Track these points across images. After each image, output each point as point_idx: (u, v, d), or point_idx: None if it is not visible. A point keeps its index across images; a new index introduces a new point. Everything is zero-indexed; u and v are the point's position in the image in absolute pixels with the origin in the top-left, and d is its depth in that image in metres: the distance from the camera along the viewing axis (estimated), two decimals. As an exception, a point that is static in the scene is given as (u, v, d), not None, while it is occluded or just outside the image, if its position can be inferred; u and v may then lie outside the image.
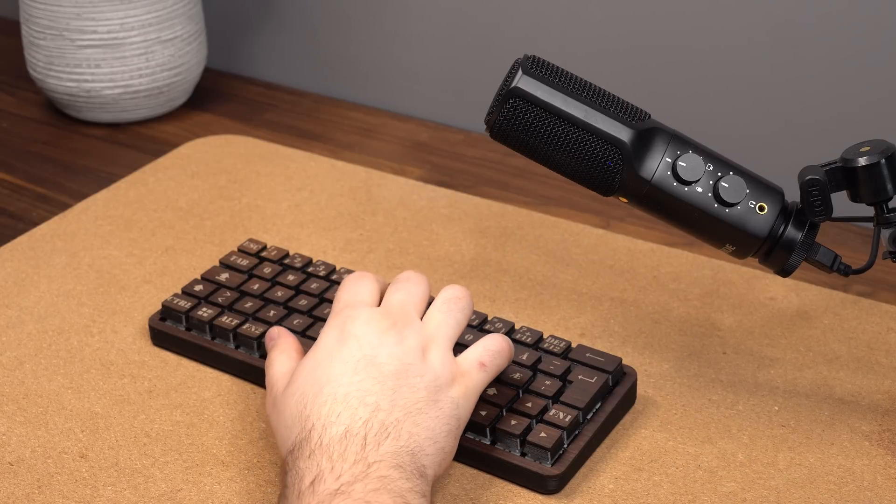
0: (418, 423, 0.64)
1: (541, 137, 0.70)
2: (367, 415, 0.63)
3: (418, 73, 1.19)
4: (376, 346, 0.66)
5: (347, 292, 0.72)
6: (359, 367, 0.65)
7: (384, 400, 0.64)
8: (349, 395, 0.64)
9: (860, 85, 0.98)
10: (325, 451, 0.61)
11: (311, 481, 0.60)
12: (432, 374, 0.66)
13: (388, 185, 1.03)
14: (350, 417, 0.63)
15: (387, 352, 0.66)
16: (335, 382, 0.65)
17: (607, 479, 0.70)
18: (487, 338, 0.71)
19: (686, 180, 0.69)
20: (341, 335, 0.67)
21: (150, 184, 1.03)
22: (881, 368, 0.79)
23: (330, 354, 0.66)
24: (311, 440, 0.62)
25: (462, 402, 0.67)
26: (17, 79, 1.27)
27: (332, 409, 0.63)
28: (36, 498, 0.69)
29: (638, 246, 0.93)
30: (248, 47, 1.29)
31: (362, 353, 0.66)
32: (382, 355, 0.66)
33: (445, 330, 0.69)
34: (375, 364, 0.65)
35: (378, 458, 0.61)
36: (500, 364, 0.70)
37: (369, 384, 0.64)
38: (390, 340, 0.67)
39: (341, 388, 0.64)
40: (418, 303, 0.71)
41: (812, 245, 0.70)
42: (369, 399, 0.64)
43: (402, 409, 0.64)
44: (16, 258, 0.93)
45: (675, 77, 1.06)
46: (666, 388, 0.77)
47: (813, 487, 0.69)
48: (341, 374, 0.65)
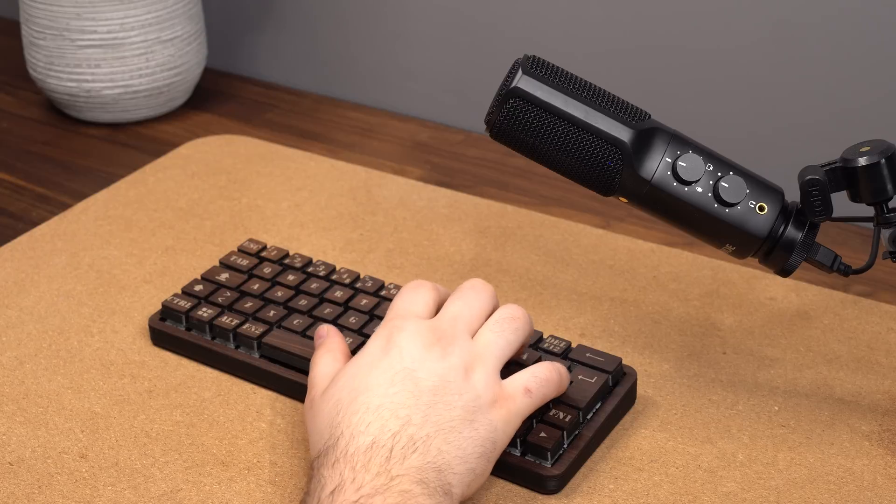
0: (450, 440, 0.63)
1: (541, 137, 0.70)
2: (398, 427, 0.62)
3: (418, 73, 1.19)
4: (418, 360, 0.65)
5: (403, 300, 0.70)
6: (396, 379, 0.64)
7: (417, 414, 0.63)
8: (382, 407, 0.63)
9: (860, 85, 0.98)
10: (349, 461, 0.60)
11: (332, 490, 0.59)
12: (473, 393, 0.65)
13: (388, 185, 1.03)
14: (379, 429, 0.62)
15: (428, 367, 0.65)
16: (371, 392, 0.64)
17: (607, 479, 0.70)
18: (539, 365, 0.69)
19: (686, 180, 0.69)
20: (386, 345, 0.66)
21: (150, 184, 1.03)
22: (881, 368, 0.79)
23: (371, 363, 0.66)
24: (336, 448, 0.62)
25: (500, 426, 0.65)
26: (17, 79, 1.27)
27: (363, 418, 0.62)
28: (36, 498, 0.69)
29: (638, 246, 0.93)
30: (248, 47, 1.29)
31: (402, 366, 0.65)
32: (423, 370, 0.65)
33: (494, 350, 0.68)
34: (414, 378, 0.64)
35: (402, 471, 0.60)
36: (547, 393, 0.69)
37: (404, 397, 0.63)
38: (434, 356, 0.65)
39: (375, 398, 0.63)
40: (474, 317, 0.69)
41: (812, 245, 0.70)
42: (402, 412, 0.63)
43: (435, 426, 0.63)
44: (16, 258, 0.93)
45: (675, 77, 1.06)
46: (666, 388, 0.77)
47: (813, 487, 0.69)
48: (378, 385, 0.64)
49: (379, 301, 0.81)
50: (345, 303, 0.81)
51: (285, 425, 0.75)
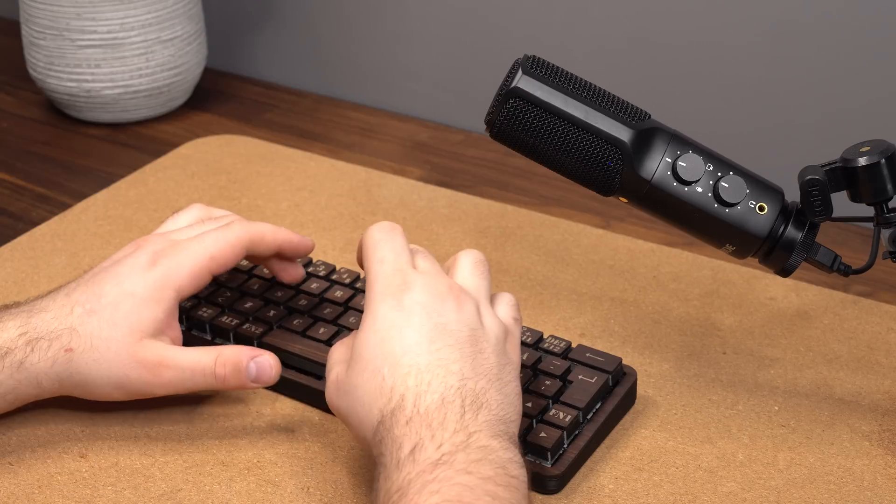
0: (499, 389, 0.64)
1: (541, 137, 0.70)
2: (457, 382, 0.62)
3: (418, 73, 1.19)
4: (443, 314, 0.65)
5: (390, 251, 0.69)
6: (433, 336, 0.64)
7: (467, 367, 0.63)
8: (432, 364, 0.63)
9: (860, 85, 0.98)
10: (423, 419, 0.60)
11: (412, 449, 0.59)
12: (493, 336, 0.66)
13: (388, 185, 1.03)
14: (441, 385, 0.62)
15: (454, 318, 0.65)
16: (413, 352, 0.63)
17: (607, 479, 0.70)
18: (503, 295, 0.71)
19: (686, 180, 0.69)
20: (401, 304, 0.65)
21: (150, 184, 1.03)
22: (881, 368, 0.79)
23: (395, 325, 0.65)
24: (405, 408, 0.61)
25: (515, 359, 0.67)
26: (17, 79, 1.27)
27: (421, 378, 0.62)
28: (36, 498, 0.69)
29: (638, 246, 0.93)
30: (248, 47, 1.29)
31: (433, 322, 0.65)
32: (452, 323, 0.65)
33: (484, 292, 0.69)
34: (448, 332, 0.64)
35: (477, 427, 0.60)
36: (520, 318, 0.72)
37: (448, 352, 0.63)
38: (451, 307, 0.66)
39: (422, 357, 0.63)
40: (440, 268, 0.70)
41: (812, 245, 0.70)
42: (453, 367, 0.63)
43: (485, 377, 0.63)
44: (16, 258, 0.93)
45: (675, 77, 1.06)
46: (666, 388, 0.78)
47: (813, 487, 0.69)
48: (418, 344, 0.64)
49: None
50: (345, 303, 0.81)
51: (285, 425, 0.75)
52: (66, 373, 0.71)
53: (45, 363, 0.70)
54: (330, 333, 0.78)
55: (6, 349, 0.70)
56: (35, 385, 0.71)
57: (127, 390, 0.72)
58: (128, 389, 0.72)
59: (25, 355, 0.70)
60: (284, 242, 0.78)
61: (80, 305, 0.72)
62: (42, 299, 0.73)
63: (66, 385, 0.72)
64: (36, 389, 0.71)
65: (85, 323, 0.71)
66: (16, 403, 0.72)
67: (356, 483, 0.70)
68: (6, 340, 0.70)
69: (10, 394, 0.71)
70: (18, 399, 0.72)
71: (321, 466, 0.71)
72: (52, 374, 0.71)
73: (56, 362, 0.70)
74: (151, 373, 0.71)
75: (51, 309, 0.72)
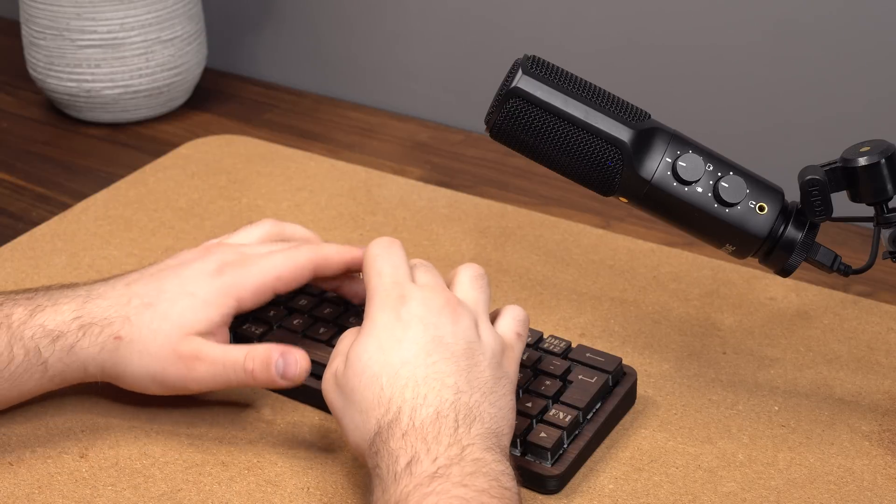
0: (493, 402, 0.64)
1: (541, 137, 0.70)
2: (452, 396, 0.63)
3: (418, 73, 1.19)
4: (440, 327, 0.66)
5: (388, 265, 0.70)
6: (430, 348, 0.65)
7: (462, 381, 0.64)
8: (429, 377, 0.64)
9: (860, 85, 0.98)
10: (419, 433, 0.61)
11: (408, 462, 0.60)
12: (489, 350, 0.67)
13: (388, 185, 1.03)
14: (437, 399, 0.63)
15: (451, 332, 0.66)
16: (411, 364, 0.64)
17: (607, 479, 0.70)
18: (511, 309, 0.71)
19: (686, 180, 0.69)
20: (399, 316, 0.66)
21: (150, 184, 1.03)
22: (881, 368, 0.79)
23: (393, 335, 0.66)
24: (401, 421, 0.62)
25: (512, 375, 0.68)
26: (17, 79, 1.27)
27: (417, 391, 0.63)
28: (36, 498, 0.69)
29: (638, 246, 0.93)
30: (248, 47, 1.29)
31: (430, 335, 0.65)
32: (448, 336, 0.66)
33: (483, 306, 0.70)
34: (445, 345, 0.65)
35: (470, 440, 0.61)
36: (527, 333, 0.72)
37: (444, 366, 0.64)
38: (448, 320, 0.66)
39: (419, 370, 0.64)
40: (441, 281, 0.71)
41: (812, 245, 0.70)
42: (448, 381, 0.64)
43: (479, 390, 0.64)
44: (16, 258, 0.93)
45: (675, 77, 1.06)
46: (666, 388, 0.77)
47: (813, 487, 0.69)
48: (415, 356, 0.65)
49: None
50: (345, 303, 0.81)
51: (285, 425, 0.75)
52: (111, 361, 0.72)
53: (94, 348, 0.71)
54: (330, 333, 0.78)
55: (59, 332, 0.71)
56: (81, 370, 0.72)
57: (163, 384, 0.72)
58: (163, 383, 0.72)
59: (77, 339, 0.71)
60: (352, 262, 0.77)
61: (138, 297, 0.72)
62: (101, 285, 0.74)
63: (108, 372, 0.72)
64: (81, 374, 0.72)
65: (140, 314, 0.72)
66: (62, 385, 0.73)
67: (356, 483, 0.70)
68: (60, 324, 0.71)
69: (58, 376, 0.72)
70: (65, 381, 0.73)
71: (321, 466, 0.71)
72: (98, 360, 0.72)
73: (104, 349, 0.71)
74: (187, 366, 0.71)
75: (109, 296, 0.72)
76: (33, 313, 0.71)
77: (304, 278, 0.76)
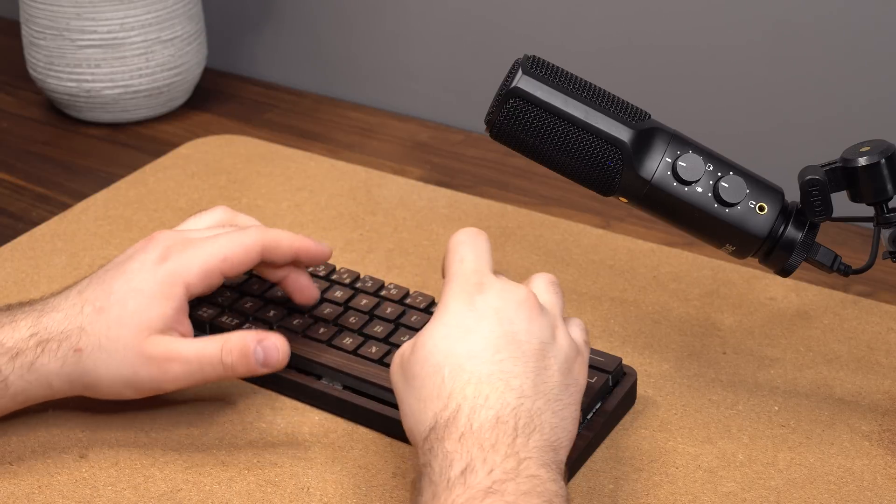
0: (556, 411, 0.62)
1: (541, 137, 0.70)
2: (514, 401, 0.61)
3: (418, 73, 1.19)
4: (515, 322, 0.64)
5: (472, 252, 0.68)
6: (500, 344, 0.63)
7: (527, 383, 0.62)
8: (493, 376, 0.62)
9: (860, 85, 0.98)
10: (476, 438, 0.59)
11: (462, 470, 0.58)
12: (562, 353, 0.65)
13: (388, 185, 1.03)
14: (498, 402, 0.61)
15: (526, 329, 0.64)
16: (477, 359, 0.62)
17: (607, 479, 0.70)
18: (576, 319, 0.70)
19: (686, 180, 0.69)
20: (474, 305, 0.64)
21: (150, 184, 1.03)
22: (881, 368, 0.79)
23: (463, 324, 0.63)
24: (458, 421, 0.60)
25: (581, 382, 0.66)
26: (17, 79, 1.27)
27: (480, 389, 0.61)
28: (36, 498, 0.69)
29: (638, 246, 0.93)
30: (248, 47, 1.29)
31: (503, 330, 0.63)
32: (522, 332, 0.63)
33: (559, 310, 0.68)
34: (517, 342, 0.63)
35: (528, 454, 0.59)
36: None
37: (511, 365, 0.62)
38: (524, 316, 0.64)
39: (484, 366, 0.62)
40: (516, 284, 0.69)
41: (812, 245, 0.70)
42: (514, 382, 0.62)
43: (544, 397, 0.62)
44: (16, 258, 0.93)
45: (675, 77, 1.06)
46: (666, 388, 0.77)
47: (813, 487, 0.69)
48: (483, 350, 0.62)
49: (379, 301, 0.81)
50: (345, 303, 0.81)
51: (285, 425, 0.75)
52: (77, 373, 0.70)
53: (55, 364, 0.70)
54: (330, 334, 0.78)
55: (17, 350, 0.70)
56: (46, 386, 0.71)
57: (137, 388, 0.71)
58: (138, 387, 0.71)
59: (36, 356, 0.70)
60: (301, 249, 0.76)
61: (89, 304, 0.71)
62: (55, 297, 0.73)
63: (76, 385, 0.71)
64: (47, 390, 0.71)
65: (94, 322, 0.70)
66: (27, 403, 0.72)
67: (356, 483, 0.70)
68: (17, 341, 0.70)
69: (21, 394, 0.71)
70: (29, 399, 0.72)
71: (321, 466, 0.71)
72: (62, 375, 0.70)
73: (66, 363, 0.70)
74: (160, 368, 0.70)
75: (62, 308, 0.71)
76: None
77: (252, 261, 0.74)
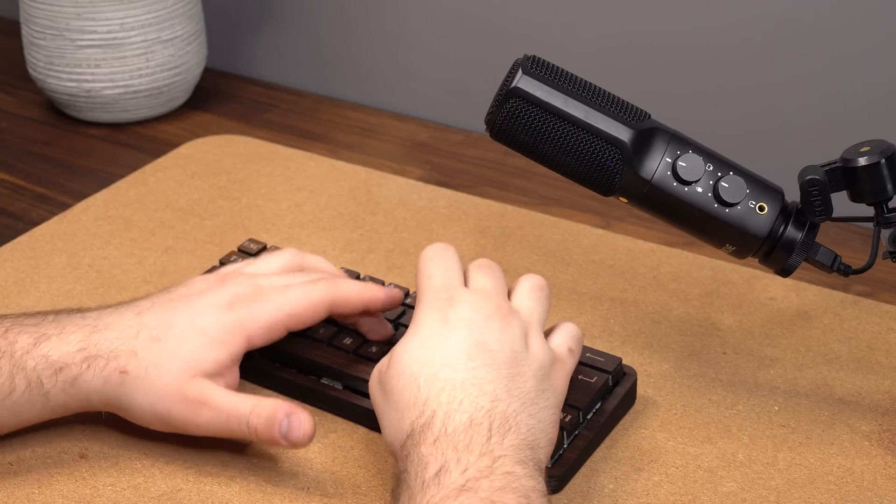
0: (532, 414, 0.63)
1: (541, 137, 0.70)
2: (488, 404, 0.62)
3: (418, 73, 1.19)
4: (486, 332, 0.65)
5: (439, 268, 0.69)
6: (472, 353, 0.64)
7: (501, 388, 0.63)
8: (467, 382, 0.63)
9: (860, 85, 0.98)
10: (450, 440, 0.60)
11: (437, 472, 0.59)
12: (537, 361, 0.66)
13: (388, 185, 1.03)
14: (472, 406, 0.62)
15: (496, 338, 0.65)
16: (451, 367, 0.63)
17: (607, 479, 0.70)
18: (566, 325, 0.71)
19: (686, 180, 0.69)
20: (445, 319, 0.66)
21: (150, 184, 1.03)
22: (881, 368, 0.79)
23: (436, 336, 0.65)
24: (433, 426, 0.61)
25: (560, 389, 0.67)
26: (17, 79, 1.27)
27: (454, 395, 0.62)
28: (36, 498, 0.69)
29: (638, 246, 0.93)
30: (248, 47, 1.29)
31: (474, 339, 0.65)
32: (493, 342, 0.65)
33: (537, 317, 0.69)
34: (488, 351, 0.64)
35: (503, 451, 0.60)
36: (580, 352, 0.71)
37: (485, 372, 0.63)
38: (496, 327, 0.66)
39: (458, 374, 0.63)
40: (503, 289, 0.70)
41: (812, 245, 0.70)
42: (487, 387, 0.63)
43: (518, 400, 0.63)
44: (16, 258, 0.93)
45: (675, 77, 1.06)
46: (666, 388, 0.77)
47: (813, 487, 0.69)
48: (456, 359, 0.64)
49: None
50: (345, 303, 0.81)
51: (285, 425, 0.75)
52: (115, 394, 0.70)
53: (97, 381, 0.69)
54: (330, 333, 0.78)
55: (62, 364, 0.69)
56: (84, 401, 0.70)
57: (167, 423, 0.70)
58: (168, 423, 0.70)
59: (80, 372, 0.69)
60: (370, 302, 0.75)
61: (147, 330, 0.70)
62: (110, 314, 0.71)
63: (112, 405, 0.70)
64: (84, 404, 0.70)
65: (147, 348, 0.69)
66: (64, 414, 0.71)
67: (356, 483, 0.70)
68: (64, 355, 0.69)
69: (61, 407, 0.70)
70: (68, 411, 0.71)
71: (321, 466, 0.71)
72: (102, 393, 0.70)
73: (108, 382, 0.69)
74: (192, 410, 0.69)
75: (117, 327, 0.70)
76: (38, 342, 0.69)
77: (320, 316, 0.74)
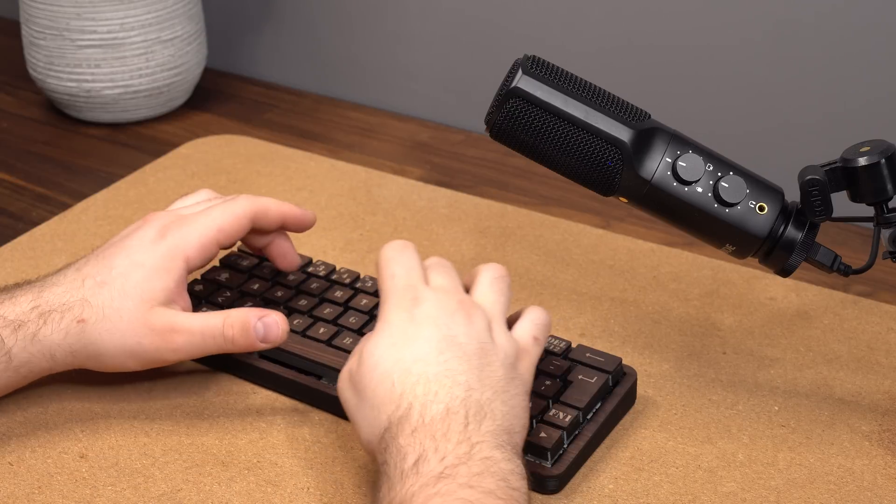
0: (505, 401, 0.64)
1: (541, 137, 0.70)
2: (463, 393, 0.63)
3: (418, 73, 1.19)
4: (453, 326, 0.66)
5: (401, 267, 0.70)
6: (442, 347, 0.65)
7: (473, 378, 0.64)
8: (440, 375, 0.64)
9: (860, 85, 0.98)
10: (427, 429, 0.61)
11: (415, 461, 0.60)
12: (503, 351, 0.67)
13: (388, 185, 1.03)
14: (447, 396, 0.63)
15: (464, 332, 0.66)
16: (423, 362, 0.64)
17: (607, 479, 0.70)
18: (532, 311, 0.71)
19: (686, 180, 0.69)
20: (412, 317, 0.66)
21: (150, 184, 1.03)
22: (881, 368, 0.79)
23: (405, 334, 0.66)
24: (411, 418, 0.62)
25: (528, 378, 0.68)
26: (17, 79, 1.27)
27: (428, 387, 0.63)
28: (36, 498, 0.69)
29: (638, 246, 0.93)
30: (248, 47, 1.29)
31: (443, 334, 0.65)
32: (461, 335, 0.66)
33: (499, 308, 0.69)
34: (457, 344, 0.65)
35: (480, 438, 0.61)
36: (546, 337, 0.71)
37: (456, 364, 0.64)
38: (461, 321, 0.66)
39: (431, 367, 0.64)
40: (461, 288, 0.71)
41: (812, 245, 0.70)
42: (460, 378, 0.64)
43: (490, 388, 0.64)
44: (16, 258, 0.93)
45: (675, 77, 1.06)
46: (666, 388, 0.78)
47: (813, 487, 0.69)
48: (427, 354, 0.65)
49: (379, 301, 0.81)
50: (345, 303, 0.81)
51: (285, 425, 0.75)
52: (80, 344, 0.72)
53: (57, 335, 0.71)
54: (330, 333, 0.78)
55: (19, 321, 0.71)
56: (48, 357, 0.72)
57: (140, 358, 0.73)
58: (141, 357, 0.73)
59: (38, 327, 0.71)
60: (287, 214, 0.80)
61: (90, 278, 0.73)
62: (53, 275, 0.75)
63: (79, 356, 0.73)
64: (49, 362, 0.72)
65: (96, 294, 0.72)
66: (30, 377, 0.73)
67: (356, 483, 0.70)
68: (19, 314, 0.71)
69: (24, 366, 0.72)
70: (32, 372, 0.73)
71: (321, 466, 0.71)
72: (64, 346, 0.72)
73: (69, 333, 0.72)
74: (163, 339, 0.72)
75: (62, 283, 0.73)
76: None
77: (245, 228, 0.78)
